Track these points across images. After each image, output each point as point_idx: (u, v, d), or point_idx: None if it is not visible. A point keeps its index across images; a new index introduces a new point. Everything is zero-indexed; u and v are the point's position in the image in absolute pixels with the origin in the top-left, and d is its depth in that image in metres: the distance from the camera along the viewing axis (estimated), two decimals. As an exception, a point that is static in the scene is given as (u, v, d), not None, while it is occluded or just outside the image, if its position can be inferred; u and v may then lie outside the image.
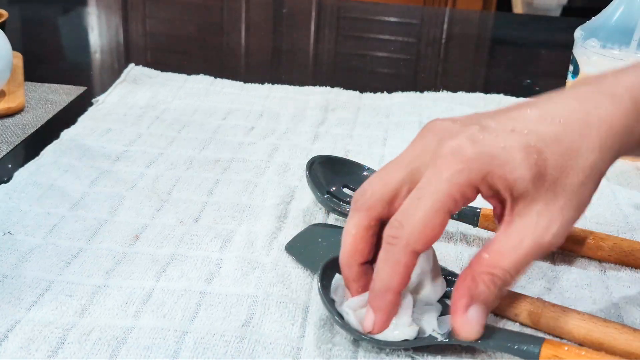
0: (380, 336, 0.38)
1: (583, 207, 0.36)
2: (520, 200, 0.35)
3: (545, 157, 0.35)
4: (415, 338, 0.39)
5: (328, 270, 0.41)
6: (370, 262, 0.39)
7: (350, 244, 0.38)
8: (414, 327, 0.39)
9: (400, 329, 0.38)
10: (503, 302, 0.42)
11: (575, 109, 0.36)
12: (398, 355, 0.39)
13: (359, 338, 0.39)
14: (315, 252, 0.47)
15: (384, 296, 0.37)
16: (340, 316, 0.39)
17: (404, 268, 0.36)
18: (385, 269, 0.37)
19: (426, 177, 0.36)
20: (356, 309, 0.39)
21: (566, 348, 0.36)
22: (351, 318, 0.39)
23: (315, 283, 0.44)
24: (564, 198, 0.35)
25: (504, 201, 0.36)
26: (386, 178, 0.38)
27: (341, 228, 0.50)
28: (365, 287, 0.39)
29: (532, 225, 0.35)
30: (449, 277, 0.44)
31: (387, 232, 0.36)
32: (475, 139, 0.35)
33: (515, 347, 0.37)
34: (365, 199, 0.38)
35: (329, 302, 0.40)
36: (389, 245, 0.36)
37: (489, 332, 0.38)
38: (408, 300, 0.39)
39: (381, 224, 0.38)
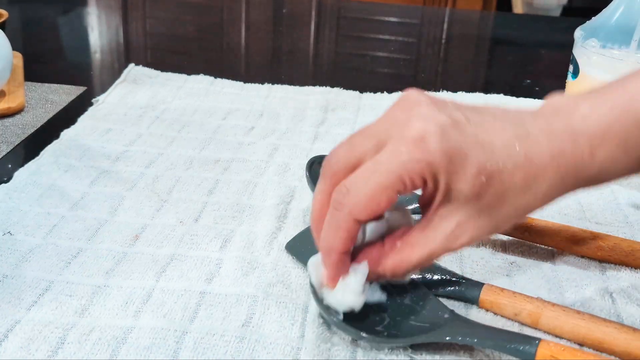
0: (331, 300, 0.39)
1: (498, 231, 0.39)
2: (447, 204, 0.37)
3: (492, 184, 0.36)
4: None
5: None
6: None
7: (318, 209, 0.39)
8: (362, 297, 0.39)
9: (347, 296, 0.39)
10: (503, 302, 0.42)
11: (541, 149, 0.36)
12: (397, 355, 0.39)
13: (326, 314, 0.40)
14: (315, 252, 0.47)
15: (328, 255, 0.39)
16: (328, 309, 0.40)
17: (345, 233, 0.37)
18: (329, 231, 0.38)
19: (386, 151, 0.36)
20: (317, 266, 0.40)
21: (562, 349, 0.36)
22: (312, 276, 0.40)
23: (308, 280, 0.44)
24: (485, 220, 0.37)
25: (434, 196, 0.37)
26: (352, 146, 0.38)
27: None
28: None
29: (448, 231, 0.37)
30: (447, 277, 0.44)
31: (334, 196, 0.37)
32: (443, 132, 0.35)
33: (512, 346, 0.37)
34: (330, 166, 0.39)
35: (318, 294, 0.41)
36: (334, 210, 0.37)
37: (486, 331, 0.38)
38: (362, 267, 0.39)
39: None
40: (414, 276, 0.43)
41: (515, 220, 0.39)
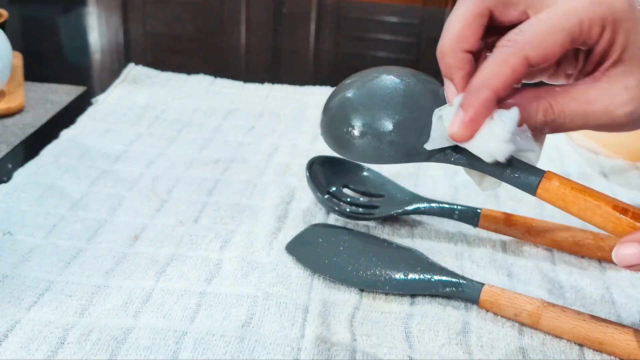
0: (469, 145, 0.34)
1: None
2: (619, 65, 0.34)
3: None
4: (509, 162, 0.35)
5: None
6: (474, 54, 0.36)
7: (458, 28, 0.35)
8: (508, 145, 0.34)
9: (495, 141, 0.34)
10: (503, 302, 0.42)
11: None
12: (396, 355, 0.39)
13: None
14: (316, 252, 0.47)
15: (478, 92, 0.34)
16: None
17: (510, 69, 0.33)
18: (490, 66, 0.34)
19: (558, 3, 0.34)
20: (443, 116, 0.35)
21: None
22: (442, 121, 0.35)
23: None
24: None
25: (609, 53, 0.34)
26: None
27: (342, 228, 0.51)
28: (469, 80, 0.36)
29: (614, 93, 0.34)
30: (448, 277, 0.44)
31: (504, 37, 0.34)
32: None
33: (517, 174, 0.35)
34: None
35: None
36: (501, 47, 0.34)
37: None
38: (513, 113, 0.34)
39: (490, 24, 0.36)
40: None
41: None
